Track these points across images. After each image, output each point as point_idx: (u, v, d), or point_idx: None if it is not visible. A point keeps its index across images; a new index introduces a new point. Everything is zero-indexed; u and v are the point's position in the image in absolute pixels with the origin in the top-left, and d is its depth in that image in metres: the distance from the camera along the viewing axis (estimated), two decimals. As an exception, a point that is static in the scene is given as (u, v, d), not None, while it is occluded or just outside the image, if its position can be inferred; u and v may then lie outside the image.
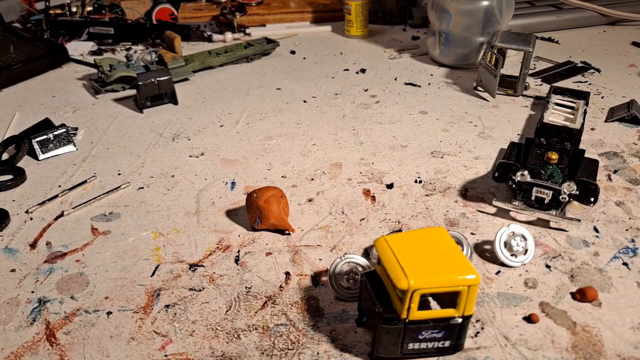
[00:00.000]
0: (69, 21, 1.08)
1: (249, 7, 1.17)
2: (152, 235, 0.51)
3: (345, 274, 0.43)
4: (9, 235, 0.52)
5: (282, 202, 0.51)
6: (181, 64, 0.87)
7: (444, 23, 0.86)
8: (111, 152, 0.67)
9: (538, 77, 0.85)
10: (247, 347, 0.39)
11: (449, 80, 0.86)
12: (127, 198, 0.57)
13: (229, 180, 0.60)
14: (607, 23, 1.08)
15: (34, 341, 0.40)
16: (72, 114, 0.78)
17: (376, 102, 0.79)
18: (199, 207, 0.55)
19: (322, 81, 0.87)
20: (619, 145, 0.65)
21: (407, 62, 0.95)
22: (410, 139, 0.68)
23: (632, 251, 0.48)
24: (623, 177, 0.59)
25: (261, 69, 0.93)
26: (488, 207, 0.54)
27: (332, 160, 0.64)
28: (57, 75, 0.93)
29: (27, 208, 0.56)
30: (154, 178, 0.61)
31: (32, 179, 0.61)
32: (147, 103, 0.77)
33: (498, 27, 0.84)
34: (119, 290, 0.45)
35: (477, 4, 0.83)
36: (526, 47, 0.75)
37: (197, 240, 0.51)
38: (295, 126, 0.72)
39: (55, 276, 0.46)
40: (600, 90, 0.80)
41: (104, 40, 1.06)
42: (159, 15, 1.13)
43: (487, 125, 0.71)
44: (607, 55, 0.93)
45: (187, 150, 0.67)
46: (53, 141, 0.66)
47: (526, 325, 0.41)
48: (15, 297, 0.44)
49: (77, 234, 0.52)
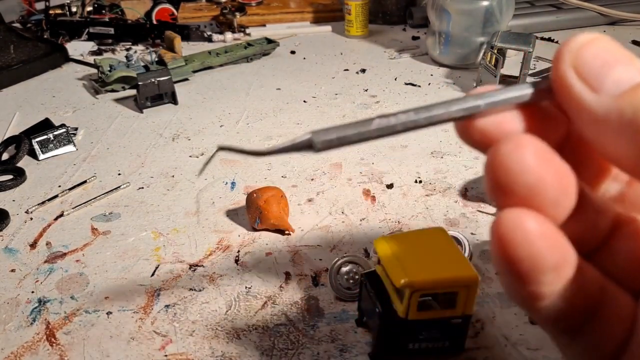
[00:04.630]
0: (69, 21, 1.08)
1: (249, 7, 1.17)
2: (152, 235, 0.51)
3: (345, 274, 0.43)
4: (9, 235, 0.52)
5: (282, 202, 0.51)
6: (181, 64, 0.88)
7: (444, 23, 0.86)
8: (111, 152, 0.67)
9: (538, 77, 0.85)
10: (247, 347, 0.39)
11: (449, 80, 0.86)
12: (127, 198, 0.57)
13: (229, 180, 0.60)
14: (607, 23, 1.08)
15: (34, 341, 0.40)
16: (72, 114, 0.78)
17: (376, 102, 0.79)
18: (199, 207, 0.55)
19: (322, 81, 0.87)
20: (619, 145, 0.65)
21: (407, 62, 0.95)
22: (410, 139, 0.68)
23: (632, 251, 0.48)
24: (623, 177, 0.59)
25: (261, 69, 0.93)
26: (488, 207, 0.54)
27: (332, 160, 0.64)
28: (57, 75, 0.93)
29: (27, 208, 0.56)
30: (154, 178, 0.61)
31: (32, 179, 0.61)
32: (147, 103, 0.77)
33: (498, 27, 0.84)
34: (119, 290, 0.45)
35: (477, 4, 0.83)
36: (526, 47, 0.75)
37: (197, 240, 0.51)
38: (296, 126, 0.72)
39: (55, 276, 0.46)
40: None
41: (104, 40, 1.06)
42: (159, 15, 1.13)
43: (487, 125, 0.71)
44: (607, 55, 0.93)
45: (187, 150, 0.67)
46: (53, 141, 0.66)
47: (527, 326, 0.41)
48: (15, 297, 0.44)
49: (77, 234, 0.52)
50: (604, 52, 0.16)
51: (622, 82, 0.16)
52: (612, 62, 0.16)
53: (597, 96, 0.16)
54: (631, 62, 0.16)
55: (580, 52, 0.16)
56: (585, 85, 0.16)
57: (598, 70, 0.16)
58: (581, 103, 0.16)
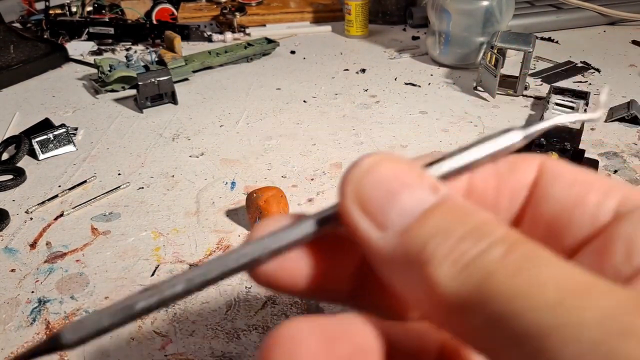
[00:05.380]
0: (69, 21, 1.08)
1: (249, 7, 1.17)
2: (152, 235, 0.51)
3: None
4: (9, 235, 0.52)
5: (282, 202, 0.51)
6: (181, 64, 0.88)
7: (444, 23, 0.86)
8: (111, 152, 0.67)
9: (538, 77, 0.85)
10: (247, 347, 0.39)
11: (449, 80, 0.86)
12: (127, 198, 0.57)
13: (229, 180, 0.60)
14: (607, 23, 1.08)
15: (34, 341, 0.40)
16: (72, 114, 0.78)
17: (376, 102, 0.79)
18: (199, 207, 0.55)
19: (322, 81, 0.87)
20: (618, 146, 0.65)
21: (407, 62, 0.95)
22: (410, 139, 0.68)
23: (632, 251, 0.48)
24: (623, 177, 0.59)
25: (261, 69, 0.93)
26: (488, 207, 0.54)
27: (332, 160, 0.64)
28: (57, 75, 0.93)
29: (27, 208, 0.56)
30: (154, 178, 0.61)
31: (32, 179, 0.61)
32: (147, 103, 0.77)
33: (498, 27, 0.84)
34: (119, 290, 0.45)
35: (477, 4, 0.83)
36: (526, 47, 0.75)
37: (197, 240, 0.51)
38: (295, 126, 0.72)
39: (55, 276, 0.46)
40: (600, 91, 0.80)
41: (104, 40, 1.06)
42: (159, 15, 1.13)
43: (487, 125, 0.71)
44: (607, 56, 0.93)
45: (187, 150, 0.67)
46: (53, 141, 0.66)
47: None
48: (15, 297, 0.44)
49: (77, 234, 0.52)
50: (388, 178, 0.14)
51: (408, 213, 0.14)
52: (397, 188, 0.14)
53: (383, 234, 0.14)
54: (419, 183, 0.14)
55: (362, 183, 0.14)
56: (370, 223, 0.14)
57: (382, 202, 0.14)
58: (368, 243, 0.14)
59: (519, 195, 0.16)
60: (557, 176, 0.16)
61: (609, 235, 0.14)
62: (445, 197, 0.14)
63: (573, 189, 0.15)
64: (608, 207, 0.15)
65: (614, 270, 0.14)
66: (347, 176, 0.15)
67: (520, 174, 0.16)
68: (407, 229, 0.13)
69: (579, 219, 0.15)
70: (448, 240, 0.13)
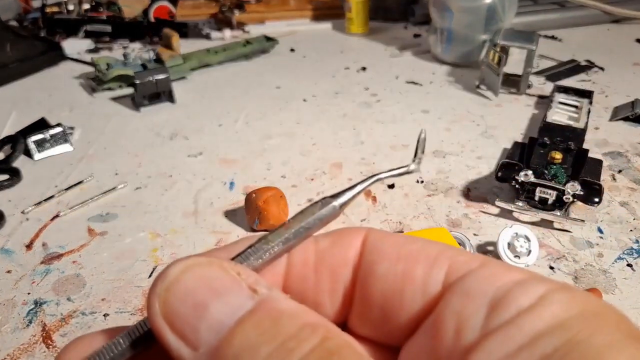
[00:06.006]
0: (66, 19, 1.07)
1: (248, 5, 1.16)
2: (149, 236, 0.50)
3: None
4: (5, 236, 0.51)
5: (281, 202, 0.50)
6: (179, 62, 0.87)
7: (446, 20, 0.85)
8: (108, 151, 0.66)
9: (541, 75, 0.85)
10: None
11: (451, 79, 0.85)
12: (124, 198, 0.56)
13: (228, 181, 0.59)
14: (611, 21, 1.08)
15: (30, 343, 0.39)
16: (69, 113, 0.77)
17: (377, 100, 0.78)
18: (197, 207, 0.55)
19: (322, 80, 0.86)
20: (623, 145, 0.64)
21: (408, 60, 0.94)
22: (411, 139, 0.67)
23: (636, 252, 0.47)
24: (627, 177, 0.58)
25: (260, 68, 0.92)
26: (491, 208, 0.53)
27: (333, 160, 0.63)
28: (54, 73, 0.92)
29: (23, 208, 0.55)
30: (152, 178, 0.60)
31: (28, 179, 0.61)
32: (145, 102, 0.77)
33: (501, 25, 0.83)
34: (115, 292, 0.44)
35: (479, 2, 0.82)
36: (529, 45, 0.74)
37: (196, 241, 0.50)
38: (295, 125, 0.71)
39: (52, 277, 0.46)
40: (604, 89, 0.79)
41: (101, 39, 1.05)
42: (157, 13, 1.12)
43: (489, 124, 0.70)
44: (611, 54, 0.92)
45: (185, 150, 0.66)
46: (49, 141, 0.65)
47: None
48: (11, 299, 0.43)
49: (73, 234, 0.51)
50: (196, 288, 0.13)
51: (219, 327, 0.12)
52: (207, 298, 0.13)
53: (195, 354, 0.13)
54: (235, 287, 0.13)
55: (169, 297, 0.13)
56: (181, 341, 0.13)
57: (190, 318, 0.13)
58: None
59: (342, 273, 0.16)
60: (381, 253, 0.15)
61: (440, 312, 0.14)
62: (264, 299, 0.13)
63: (398, 265, 0.15)
64: (436, 279, 0.14)
65: (447, 352, 0.13)
66: (153, 288, 0.13)
67: (341, 250, 0.16)
68: (218, 347, 0.12)
69: (410, 295, 0.14)
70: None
